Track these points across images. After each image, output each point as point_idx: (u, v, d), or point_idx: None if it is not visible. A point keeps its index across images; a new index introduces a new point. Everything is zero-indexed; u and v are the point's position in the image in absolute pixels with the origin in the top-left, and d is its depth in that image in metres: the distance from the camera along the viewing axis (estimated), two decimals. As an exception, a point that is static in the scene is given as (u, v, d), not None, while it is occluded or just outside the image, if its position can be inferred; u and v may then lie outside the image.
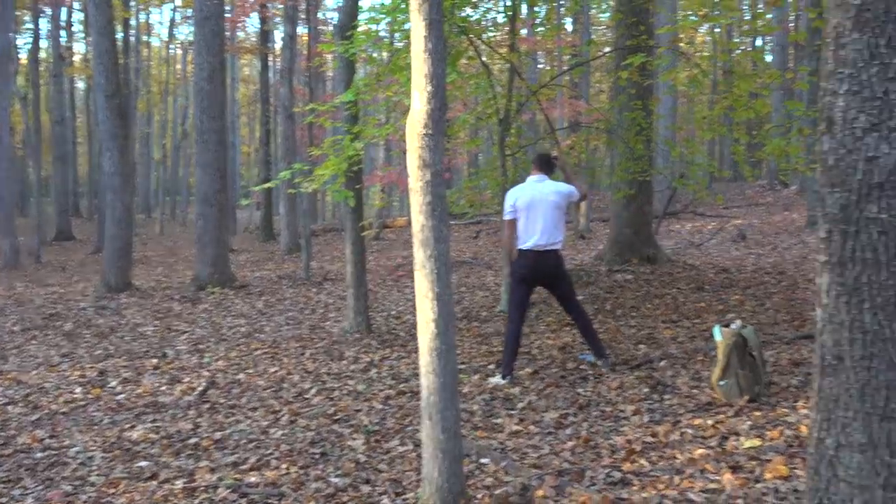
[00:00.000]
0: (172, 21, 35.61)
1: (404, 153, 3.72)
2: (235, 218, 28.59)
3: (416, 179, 3.48)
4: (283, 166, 18.12)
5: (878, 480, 2.37)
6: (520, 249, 5.69)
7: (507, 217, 5.75)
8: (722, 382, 4.65)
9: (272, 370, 6.62)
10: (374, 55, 8.85)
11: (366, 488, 3.90)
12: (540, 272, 5.74)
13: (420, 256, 3.49)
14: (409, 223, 22.87)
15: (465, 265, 13.03)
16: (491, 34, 9.76)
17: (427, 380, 3.49)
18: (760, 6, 22.54)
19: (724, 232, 15.05)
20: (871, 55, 2.35)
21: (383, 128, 6.82)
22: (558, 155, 6.22)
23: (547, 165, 5.89)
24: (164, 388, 6.23)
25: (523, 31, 15.07)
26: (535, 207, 5.62)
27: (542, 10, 10.61)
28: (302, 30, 22.83)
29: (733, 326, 4.77)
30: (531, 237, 5.63)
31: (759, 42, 27.68)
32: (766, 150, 6.62)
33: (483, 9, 9.40)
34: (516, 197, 5.71)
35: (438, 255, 3.48)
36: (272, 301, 10.48)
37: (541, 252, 5.65)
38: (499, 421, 4.80)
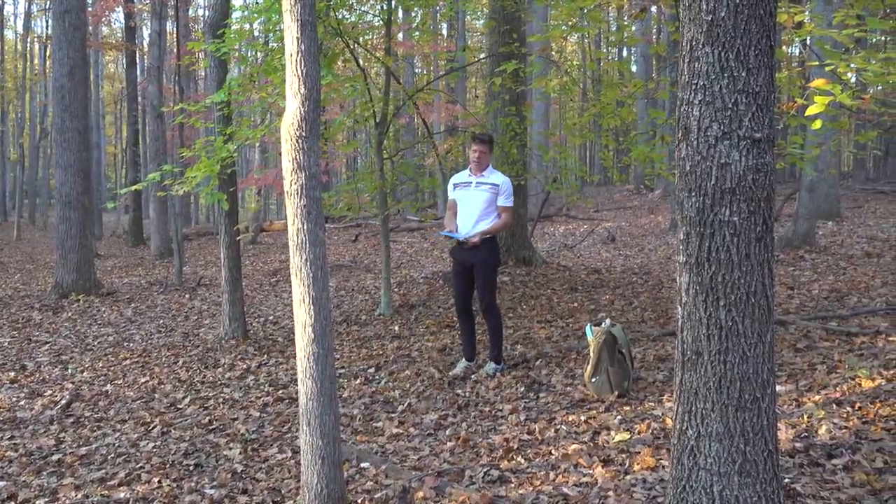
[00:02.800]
0: (28, 13, 33.42)
1: (280, 155, 3.66)
2: (101, 222, 27.22)
3: (290, 182, 3.43)
4: (152, 168, 17.39)
5: (734, 467, 2.52)
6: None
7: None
8: (593, 379, 4.82)
9: (142, 380, 6.35)
10: (248, 55, 8.65)
11: (243, 499, 3.80)
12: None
13: (296, 260, 3.43)
14: (286, 227, 22.47)
15: (344, 269, 12.93)
16: (367, 37, 9.72)
17: (305, 385, 3.44)
18: (626, 19, 23.57)
19: (595, 234, 15.63)
20: (722, 68, 2.50)
21: (257, 129, 6.67)
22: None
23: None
24: (22, 402, 5.86)
25: (399, 36, 15.13)
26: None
27: (417, 15, 10.67)
28: (171, 26, 21.99)
29: (604, 325, 4.96)
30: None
31: (625, 53, 28.95)
32: (632, 155, 6.93)
33: (359, 11, 9.36)
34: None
35: (314, 259, 3.43)
36: (142, 308, 10.05)
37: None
38: (379, 424, 4.79)
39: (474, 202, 5.63)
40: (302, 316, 3.43)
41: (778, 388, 4.48)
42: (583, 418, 4.40)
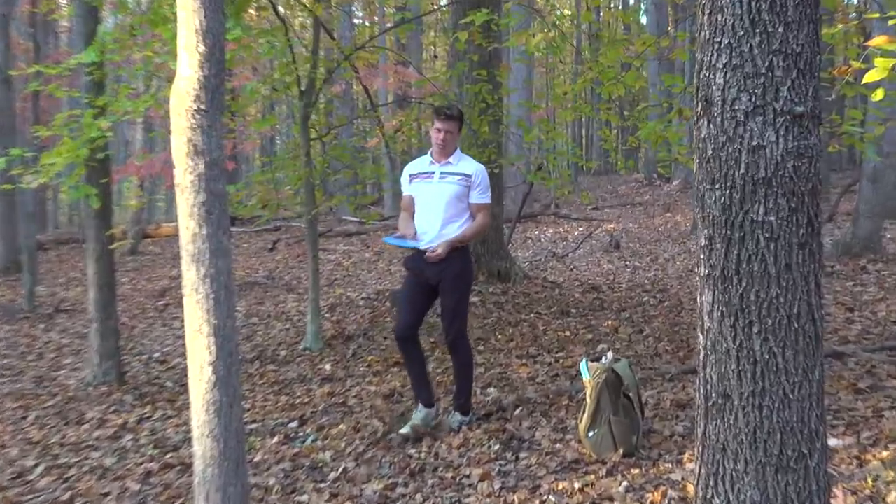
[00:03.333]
0: None
1: (170, 135, 3.64)
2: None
3: (184, 172, 3.41)
4: (-6, 150, 17.14)
5: (773, 545, 2.58)
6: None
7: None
8: (591, 433, 4.86)
9: (-21, 442, 6.26)
10: (127, 1, 8.60)
11: None
12: None
13: (191, 277, 3.41)
14: (178, 231, 22.41)
15: (257, 287, 12.88)
16: (289, -23, 9.75)
17: (202, 445, 3.41)
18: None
19: (594, 239, 15.79)
20: (752, 21, 2.56)
21: (140, 100, 6.61)
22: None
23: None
24: None
25: (333, -26, 15.16)
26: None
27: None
28: (21, -40, 21.74)
29: (604, 360, 5.01)
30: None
31: (631, 0, 29.35)
32: (640, 134, 7.00)
33: (277, -58, 9.36)
34: None
35: (216, 275, 3.42)
36: (-21, 344, 9.90)
37: None
38: (303, 498, 4.78)
39: (438, 198, 5.60)
40: (199, 352, 3.41)
41: (834, 441, 4.57)
42: (577, 486, 4.43)
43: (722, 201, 2.62)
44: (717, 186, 2.63)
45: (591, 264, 13.13)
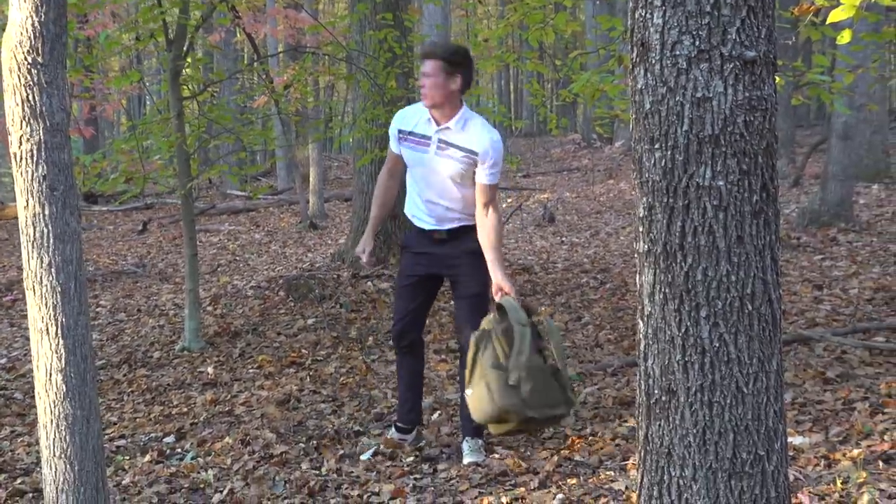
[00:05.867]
0: None
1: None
2: None
3: (21, 139, 3.33)
4: None
5: (727, 564, 2.61)
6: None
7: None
8: (468, 391, 4.65)
9: None
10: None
11: None
12: None
13: (34, 266, 3.34)
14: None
15: (125, 277, 12.68)
16: None
17: (52, 469, 3.35)
18: None
19: (524, 211, 15.88)
20: (697, -49, 2.57)
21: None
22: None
23: None
24: None
25: None
26: None
27: None
28: None
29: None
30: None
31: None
32: (574, 88, 7.01)
33: None
34: None
35: (63, 264, 3.35)
36: None
37: None
38: (181, 526, 4.73)
39: (436, 176, 5.10)
40: (45, 356, 3.34)
41: (797, 439, 4.66)
42: (504, 500, 4.46)
43: (662, 164, 2.62)
44: (656, 147, 2.63)
45: (521, 241, 13.21)
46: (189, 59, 8.83)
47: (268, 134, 11.56)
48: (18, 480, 5.61)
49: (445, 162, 4.99)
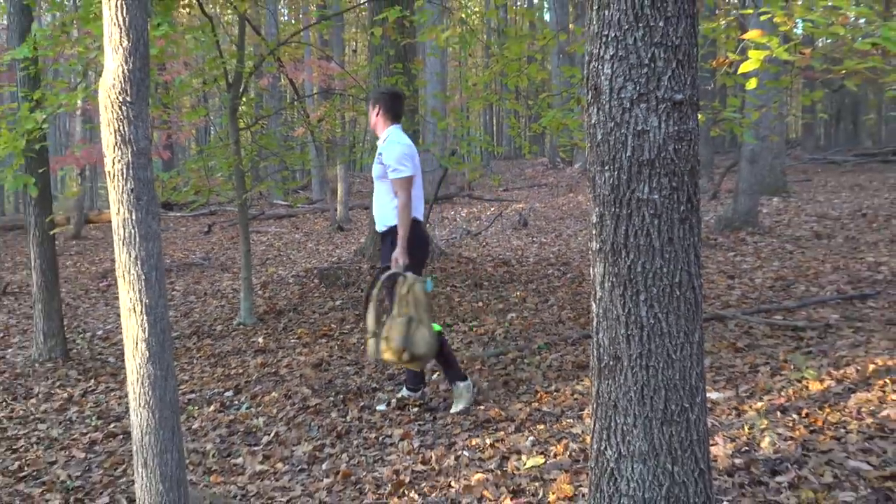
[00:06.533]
0: None
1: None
2: None
3: (113, 161, 3.32)
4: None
5: (661, 492, 2.61)
6: (417, 220, 5.17)
7: (410, 173, 5.04)
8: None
9: (-72, 419, 6.04)
10: (61, -1, 8.31)
11: (61, 564, 3.67)
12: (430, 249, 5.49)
13: (123, 259, 3.33)
14: (119, 217, 21.79)
15: (194, 268, 12.65)
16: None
17: (138, 416, 3.34)
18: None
19: (504, 218, 15.86)
20: (636, 16, 2.56)
21: (74, 93, 6.41)
22: None
23: (402, 109, 5.42)
24: None
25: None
26: (419, 168, 5.23)
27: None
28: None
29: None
30: (420, 204, 5.26)
31: (536, -2, 29.39)
32: (543, 122, 7.03)
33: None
34: (412, 150, 5.16)
35: (146, 257, 3.34)
36: (-73, 326, 9.55)
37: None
38: (239, 461, 4.72)
39: (375, 180, 5.24)
40: (132, 329, 3.32)
41: (715, 395, 4.66)
42: (488, 441, 4.45)
43: (611, 182, 2.63)
44: (606, 168, 2.64)
45: (502, 241, 13.18)
46: (244, 99, 8.81)
47: (305, 157, 11.55)
48: (112, 425, 5.62)
49: (376, 166, 5.14)
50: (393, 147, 5.05)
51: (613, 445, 2.67)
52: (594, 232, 2.69)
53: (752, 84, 4.67)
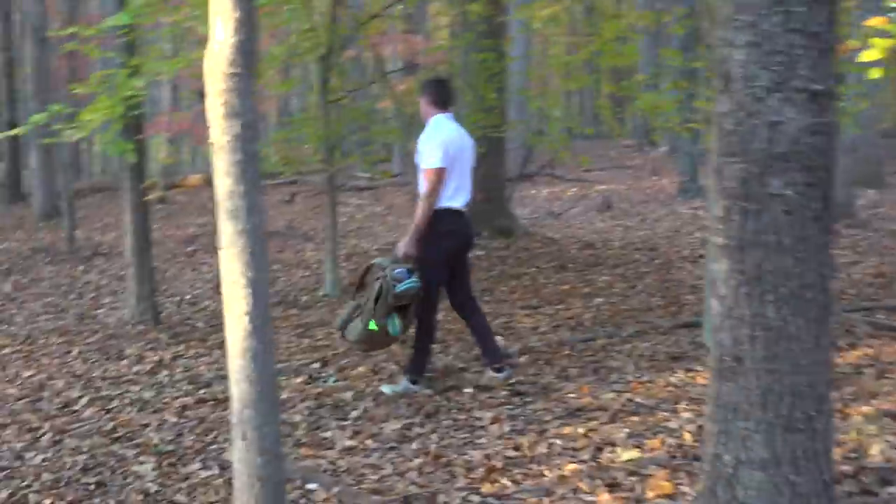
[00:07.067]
0: None
1: (200, 94, 3.52)
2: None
3: (221, 132, 3.29)
4: (34, 106, 16.94)
5: (782, 501, 2.50)
6: (447, 209, 5.17)
7: (439, 165, 5.06)
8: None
9: (27, 374, 6.24)
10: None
11: (157, 530, 3.72)
12: (469, 239, 5.51)
13: (228, 231, 3.30)
14: (204, 182, 22.10)
15: (278, 237, 12.77)
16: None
17: (239, 389, 3.33)
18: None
19: (587, 199, 15.64)
20: (774, 0, 2.43)
21: (171, 61, 6.47)
22: None
23: (453, 98, 5.52)
24: None
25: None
26: (463, 156, 5.26)
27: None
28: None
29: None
30: (461, 194, 5.26)
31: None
32: (639, 104, 6.86)
33: None
34: (447, 141, 5.17)
35: (252, 230, 3.31)
36: (24, 282, 9.85)
37: (466, 214, 5.37)
38: (328, 435, 4.72)
39: None
40: (236, 302, 3.31)
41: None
42: (581, 431, 4.37)
43: (740, 174, 2.51)
44: (735, 159, 2.52)
45: (585, 223, 13.00)
46: (334, 71, 8.78)
47: (393, 131, 11.53)
48: (202, 391, 5.67)
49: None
50: (427, 136, 5.17)
51: (732, 451, 2.57)
52: (719, 227, 2.58)
53: (875, 73, 4.45)
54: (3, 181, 21.51)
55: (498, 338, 6.36)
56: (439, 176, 5.06)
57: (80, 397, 5.67)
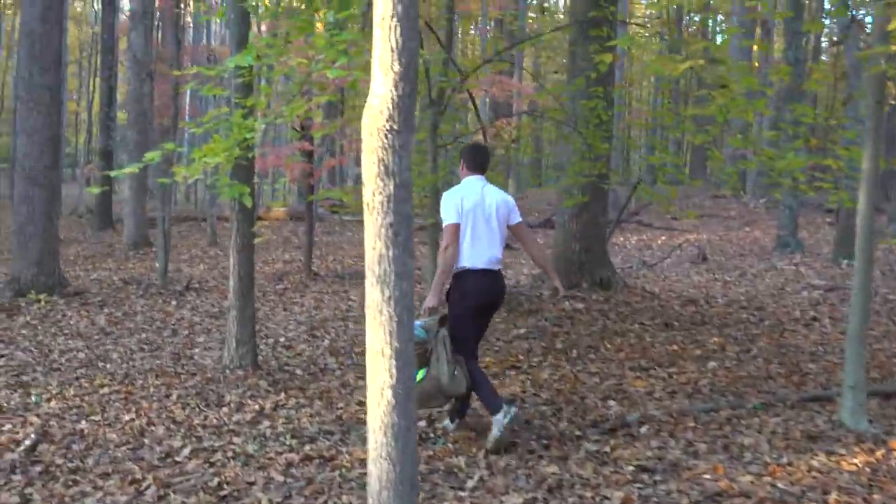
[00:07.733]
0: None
1: (295, 130, 3.33)
2: (59, 197, 27.10)
3: (374, 192, 3.11)
4: (131, 135, 17.22)
5: None
6: (471, 270, 5.37)
7: (451, 221, 5.32)
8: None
9: (127, 418, 6.07)
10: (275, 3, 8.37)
11: None
12: (495, 298, 5.57)
13: (376, 298, 3.11)
14: (288, 215, 22.17)
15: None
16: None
17: (378, 468, 3.12)
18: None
19: (680, 249, 15.23)
20: None
21: (293, 105, 6.32)
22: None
23: (486, 162, 5.70)
24: (-25, 438, 5.60)
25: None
26: (483, 214, 5.40)
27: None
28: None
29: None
30: (485, 254, 5.39)
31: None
32: (779, 167, 6.51)
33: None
34: (461, 197, 5.37)
35: (400, 297, 3.11)
36: (118, 316, 9.80)
37: (494, 273, 5.48)
38: (447, 507, 4.46)
39: None
40: (379, 374, 3.10)
41: None
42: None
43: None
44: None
45: (681, 275, 12.60)
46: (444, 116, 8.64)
47: (497, 177, 11.34)
48: (307, 447, 5.44)
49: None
50: (446, 194, 5.46)
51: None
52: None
53: None
54: (93, 208, 21.93)
55: (611, 402, 6.09)
56: (451, 231, 5.29)
57: (182, 447, 5.48)
